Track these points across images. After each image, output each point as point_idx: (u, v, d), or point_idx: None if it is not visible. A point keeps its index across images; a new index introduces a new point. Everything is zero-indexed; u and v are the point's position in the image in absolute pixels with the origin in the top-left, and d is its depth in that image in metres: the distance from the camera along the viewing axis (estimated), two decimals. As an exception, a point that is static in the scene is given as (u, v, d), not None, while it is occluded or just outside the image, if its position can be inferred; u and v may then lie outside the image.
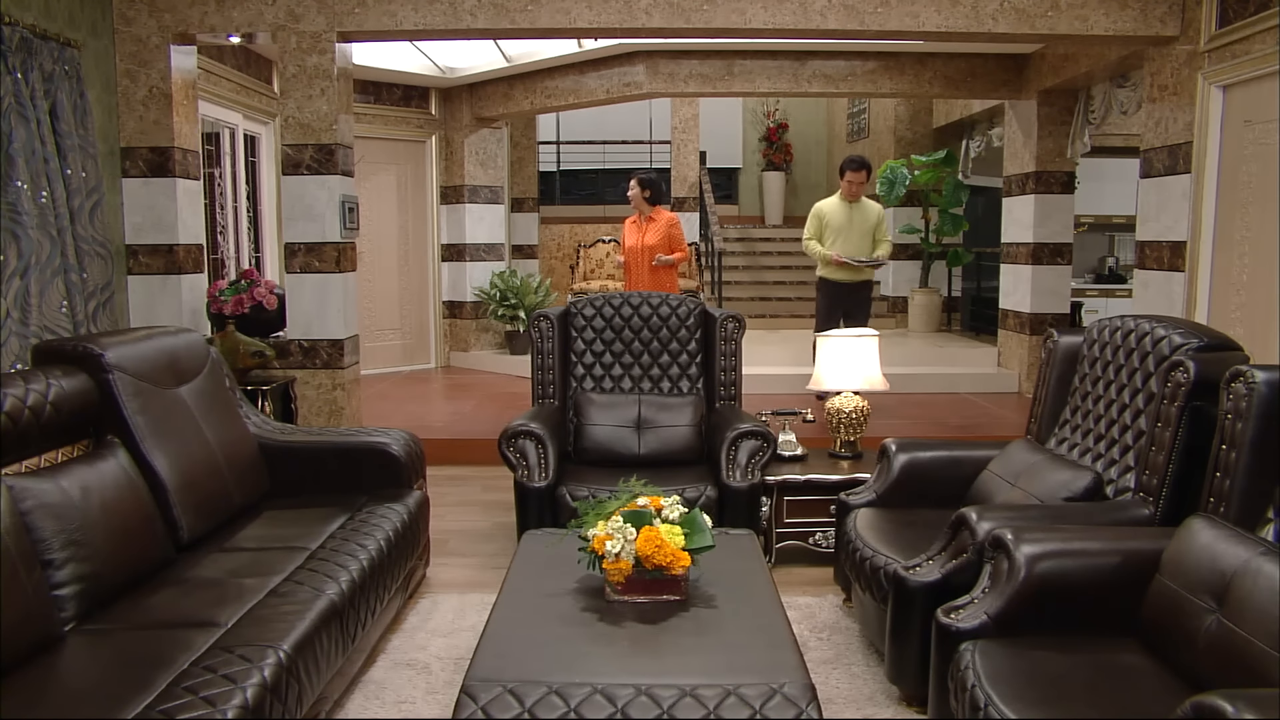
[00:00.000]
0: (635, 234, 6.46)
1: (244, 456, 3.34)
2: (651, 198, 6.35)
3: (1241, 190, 4.46)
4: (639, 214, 6.44)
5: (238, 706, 1.96)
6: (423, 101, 8.53)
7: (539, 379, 4.24)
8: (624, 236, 6.57)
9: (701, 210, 10.98)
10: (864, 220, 6.31)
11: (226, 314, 4.87)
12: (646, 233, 6.42)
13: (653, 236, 6.36)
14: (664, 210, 6.51)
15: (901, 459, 3.38)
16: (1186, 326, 2.83)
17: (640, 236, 6.43)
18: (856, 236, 6.29)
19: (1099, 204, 9.33)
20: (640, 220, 6.45)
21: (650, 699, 1.95)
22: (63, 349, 2.89)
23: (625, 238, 6.55)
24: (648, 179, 6.40)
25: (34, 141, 3.69)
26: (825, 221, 6.36)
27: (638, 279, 6.44)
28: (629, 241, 6.50)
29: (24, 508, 2.28)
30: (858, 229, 6.29)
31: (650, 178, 6.42)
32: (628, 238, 6.51)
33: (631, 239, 6.47)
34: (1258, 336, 4.20)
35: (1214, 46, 4.58)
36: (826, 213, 6.37)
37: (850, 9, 4.82)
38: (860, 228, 6.29)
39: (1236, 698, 1.52)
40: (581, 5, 4.79)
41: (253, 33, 4.83)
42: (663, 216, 6.42)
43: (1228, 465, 2.32)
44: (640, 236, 6.43)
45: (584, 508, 2.64)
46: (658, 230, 6.37)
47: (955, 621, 2.29)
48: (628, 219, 6.57)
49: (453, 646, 3.12)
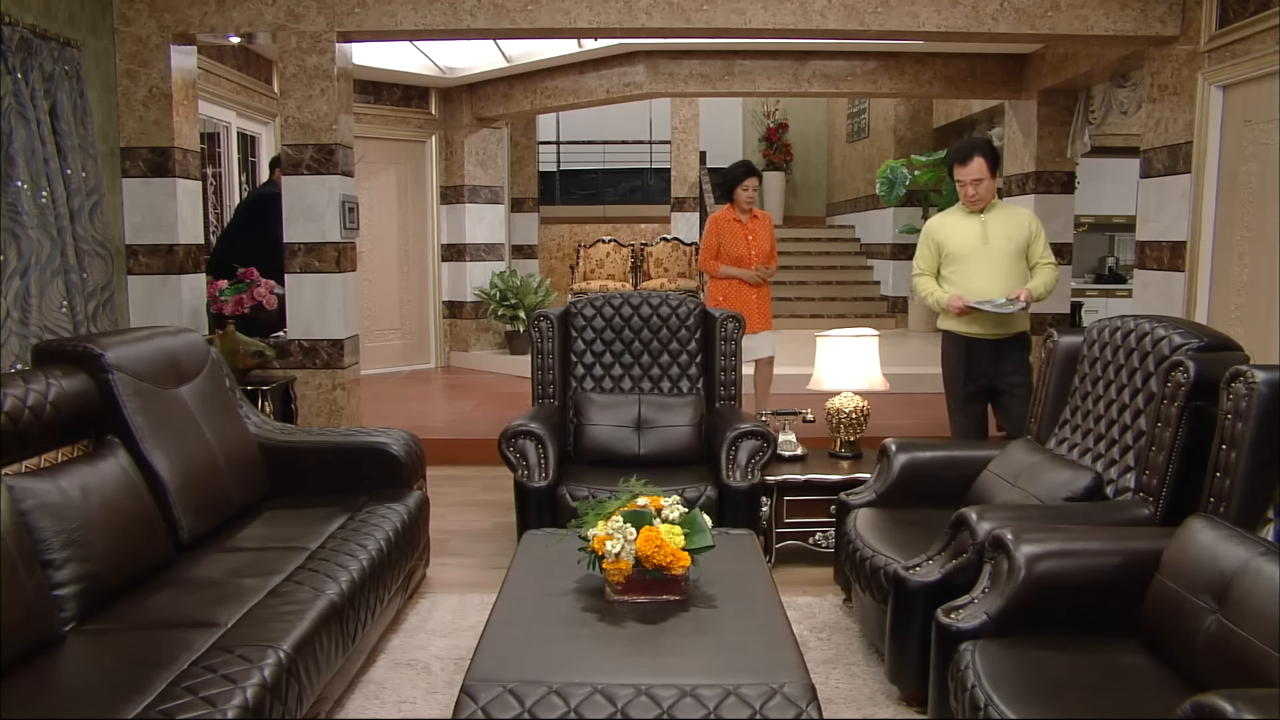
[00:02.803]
0: (740, 238, 5.25)
1: (244, 456, 3.34)
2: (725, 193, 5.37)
3: (1241, 190, 4.46)
4: (737, 211, 5.30)
5: (238, 706, 1.96)
6: (423, 101, 8.53)
7: (539, 379, 4.24)
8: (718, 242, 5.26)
9: (701, 210, 10.99)
10: (1007, 236, 4.14)
11: (226, 314, 4.87)
12: (755, 235, 5.28)
13: (765, 241, 5.28)
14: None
15: (901, 459, 3.38)
16: (1186, 326, 2.83)
17: (749, 242, 5.25)
18: (999, 263, 4.14)
19: (1099, 204, 9.33)
20: (744, 219, 5.31)
21: (650, 699, 1.95)
22: (63, 349, 2.89)
23: (726, 244, 5.24)
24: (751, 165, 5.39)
25: (34, 141, 3.69)
26: (943, 246, 4.24)
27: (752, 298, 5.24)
28: (736, 249, 5.22)
29: (24, 508, 2.28)
30: (998, 251, 4.14)
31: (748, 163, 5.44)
32: (731, 244, 5.23)
33: (738, 245, 5.23)
34: (1258, 336, 4.20)
35: (1214, 46, 4.58)
36: (944, 233, 4.24)
37: (850, 9, 4.82)
38: (1002, 249, 4.14)
39: (1236, 698, 1.52)
40: (581, 5, 4.79)
41: (253, 33, 4.83)
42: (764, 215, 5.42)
43: (1228, 465, 2.32)
44: (749, 242, 5.25)
45: (584, 508, 2.64)
46: (766, 232, 5.31)
47: (955, 621, 2.29)
48: (719, 218, 5.35)
49: (453, 646, 3.12)
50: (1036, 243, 4.20)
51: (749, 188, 5.24)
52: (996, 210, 4.22)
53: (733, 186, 5.26)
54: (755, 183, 5.25)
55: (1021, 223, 4.20)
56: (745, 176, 5.25)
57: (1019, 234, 4.17)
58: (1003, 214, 4.23)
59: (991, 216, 4.19)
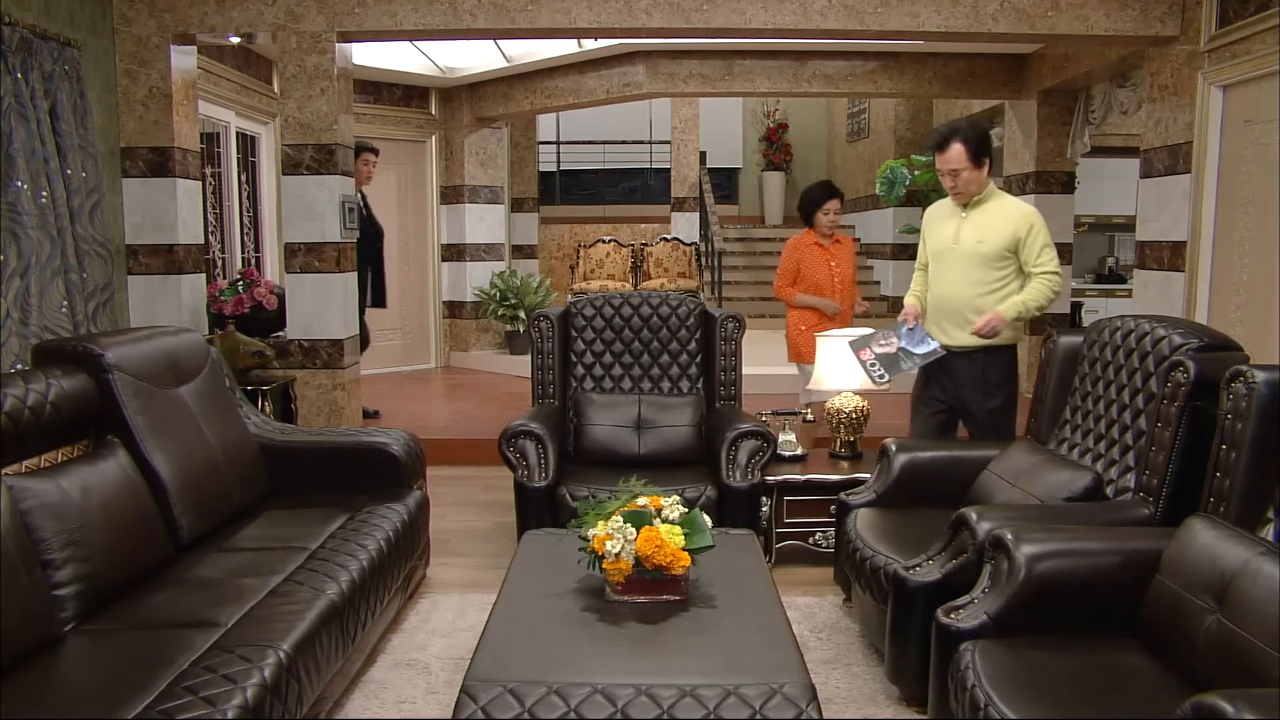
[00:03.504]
0: (822, 263, 4.91)
1: (244, 456, 3.34)
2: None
3: (1241, 190, 4.46)
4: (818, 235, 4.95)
5: (238, 706, 1.96)
6: (423, 101, 8.53)
7: (539, 379, 4.24)
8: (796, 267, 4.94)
9: (701, 210, 10.99)
10: (977, 239, 3.66)
11: (226, 314, 4.88)
12: (839, 261, 4.93)
13: (847, 266, 4.95)
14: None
15: (901, 459, 3.38)
16: (1186, 326, 2.83)
17: (831, 268, 4.89)
18: (963, 269, 3.70)
19: (1099, 204, 9.33)
20: (825, 244, 4.95)
21: (650, 699, 1.95)
22: (63, 349, 2.89)
23: (806, 270, 4.91)
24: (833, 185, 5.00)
25: (34, 141, 3.69)
26: (927, 240, 3.91)
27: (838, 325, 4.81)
28: (817, 275, 4.89)
29: (24, 508, 2.28)
30: (965, 255, 3.69)
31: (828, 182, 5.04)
32: (812, 270, 4.90)
33: (818, 270, 4.90)
34: (1258, 336, 4.20)
35: (1214, 46, 4.58)
36: (929, 225, 3.89)
37: (850, 9, 4.82)
38: (969, 252, 3.67)
39: (1236, 698, 1.52)
40: (581, 5, 4.79)
41: (253, 33, 4.83)
42: (846, 239, 5.08)
43: (1228, 465, 2.32)
44: (831, 268, 4.89)
45: (584, 508, 2.64)
46: (848, 257, 4.98)
47: (955, 621, 2.29)
48: (799, 242, 4.97)
49: (453, 646, 3.12)
50: (1030, 247, 3.60)
51: (829, 210, 4.87)
52: (984, 205, 3.68)
53: (813, 210, 4.92)
54: (837, 205, 4.88)
55: (1006, 223, 3.62)
56: (826, 199, 4.89)
57: (996, 237, 3.61)
58: (989, 211, 3.67)
59: (974, 213, 3.69)
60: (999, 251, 3.64)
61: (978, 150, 3.61)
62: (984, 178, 3.68)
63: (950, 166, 3.63)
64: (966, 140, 3.59)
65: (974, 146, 3.60)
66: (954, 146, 3.60)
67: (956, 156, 3.60)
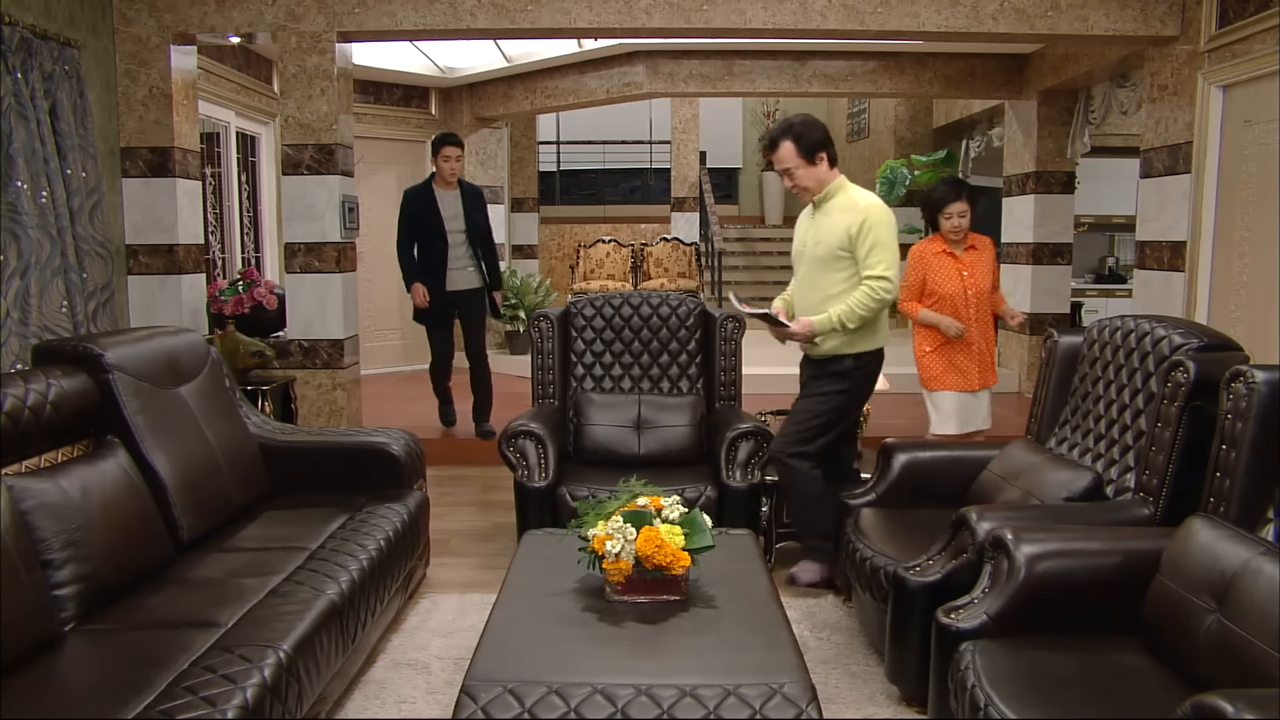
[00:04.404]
0: (951, 273, 4.20)
1: (244, 456, 3.34)
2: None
3: (1241, 190, 4.46)
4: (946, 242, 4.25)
5: (238, 706, 1.96)
6: (423, 101, 8.53)
7: (539, 379, 4.24)
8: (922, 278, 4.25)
9: (701, 210, 10.99)
10: (816, 241, 3.53)
11: (226, 314, 4.88)
12: (972, 270, 4.21)
13: (983, 275, 4.24)
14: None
15: (901, 459, 3.38)
16: (1186, 326, 2.83)
17: (963, 278, 4.19)
18: (808, 274, 3.61)
19: (1099, 204, 9.33)
20: (956, 251, 4.24)
21: (650, 699, 1.95)
22: (63, 349, 2.89)
23: (934, 280, 4.22)
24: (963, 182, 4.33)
25: (34, 141, 3.69)
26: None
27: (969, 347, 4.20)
28: (947, 286, 4.18)
29: (24, 508, 2.28)
30: (809, 259, 3.58)
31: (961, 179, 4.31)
32: (940, 280, 4.20)
33: (948, 281, 4.19)
34: (1258, 336, 4.20)
35: (1214, 46, 4.58)
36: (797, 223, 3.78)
37: (850, 9, 4.82)
38: (811, 257, 3.56)
39: (1236, 698, 1.52)
40: (581, 5, 4.79)
41: (253, 33, 4.83)
42: (981, 238, 4.33)
43: (1228, 465, 2.32)
44: (963, 278, 4.19)
45: (584, 508, 2.64)
46: (985, 264, 4.27)
47: (955, 621, 2.29)
48: (924, 250, 4.29)
49: (453, 646, 3.12)
50: (860, 246, 3.37)
51: (952, 214, 4.17)
52: (828, 203, 3.48)
53: (934, 215, 4.25)
54: (962, 207, 4.18)
55: (841, 221, 3.41)
56: (946, 201, 4.18)
57: (830, 237, 3.43)
58: (831, 209, 3.48)
59: (818, 213, 3.52)
60: (833, 253, 3.44)
61: (810, 146, 3.41)
62: (823, 174, 3.46)
63: (782, 166, 3.47)
64: (796, 137, 3.41)
65: (804, 143, 3.41)
66: (783, 145, 3.43)
67: (787, 155, 3.43)
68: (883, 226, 3.39)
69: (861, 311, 3.38)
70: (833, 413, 3.56)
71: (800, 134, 3.41)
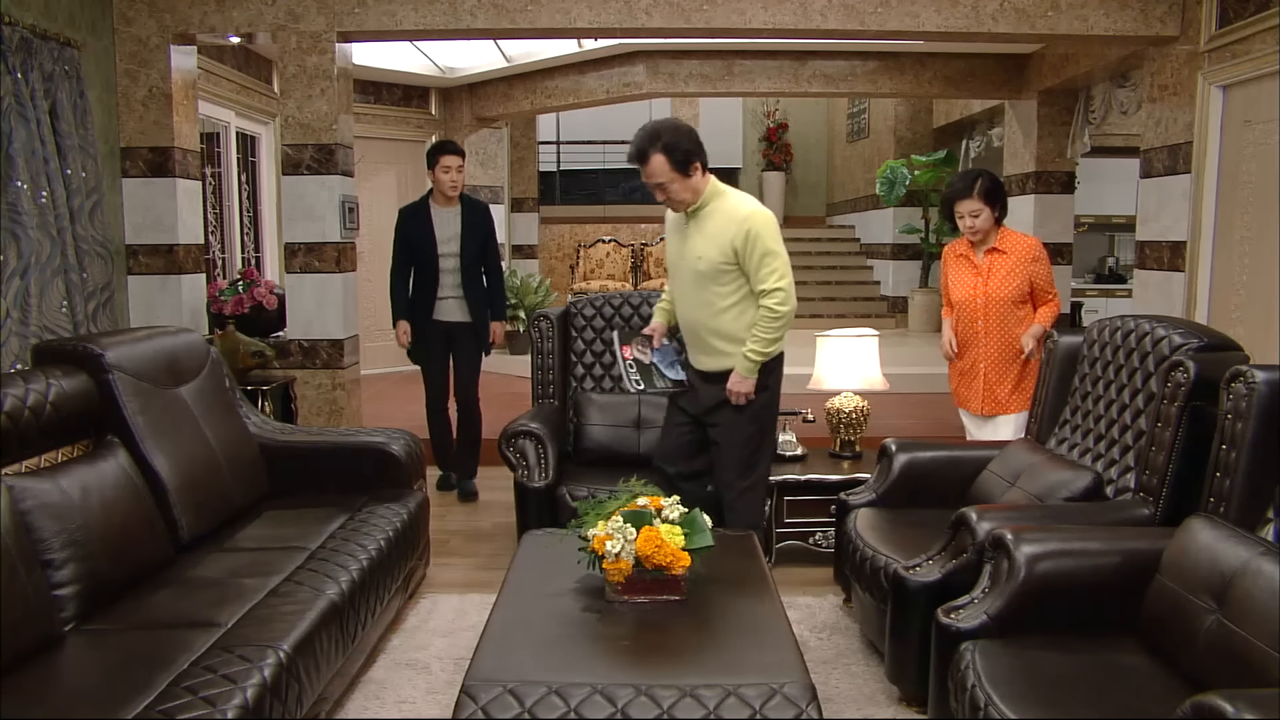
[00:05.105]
0: (965, 277, 3.91)
1: (244, 456, 3.34)
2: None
3: (1241, 190, 4.46)
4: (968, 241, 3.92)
5: (238, 706, 1.96)
6: (423, 101, 8.53)
7: (539, 379, 4.24)
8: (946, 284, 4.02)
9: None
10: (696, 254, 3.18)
11: (226, 314, 4.87)
12: (991, 276, 3.84)
13: (1005, 281, 3.81)
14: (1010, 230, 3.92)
15: (901, 459, 3.38)
16: (1186, 326, 2.83)
17: (976, 285, 3.87)
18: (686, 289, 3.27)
19: (1099, 204, 9.34)
20: (975, 255, 3.90)
21: (650, 699, 1.95)
22: (63, 349, 2.89)
23: (949, 285, 3.98)
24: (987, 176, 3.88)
25: (34, 141, 3.69)
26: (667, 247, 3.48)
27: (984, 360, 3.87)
28: (958, 291, 3.92)
29: (24, 508, 2.28)
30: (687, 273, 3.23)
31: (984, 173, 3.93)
32: (954, 285, 3.95)
33: (960, 286, 3.92)
34: (1258, 336, 4.20)
35: (1214, 46, 4.58)
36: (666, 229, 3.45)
37: (850, 9, 4.82)
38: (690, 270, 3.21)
39: (1236, 698, 1.52)
40: (581, 5, 4.79)
41: (253, 33, 4.83)
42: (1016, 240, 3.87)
43: (1228, 465, 2.33)
44: (976, 285, 3.87)
45: (584, 508, 2.64)
46: (1011, 269, 3.81)
47: (955, 621, 2.29)
48: (947, 252, 4.06)
49: (453, 646, 3.12)
50: (749, 259, 3.09)
51: (963, 214, 3.83)
52: (705, 212, 3.17)
53: (948, 213, 3.98)
54: (973, 206, 3.79)
55: (723, 233, 3.11)
56: (954, 200, 3.87)
57: (713, 251, 3.12)
58: (710, 218, 3.16)
59: (694, 223, 3.20)
60: (716, 267, 3.13)
61: (683, 158, 3.07)
62: (697, 183, 3.14)
63: (654, 181, 3.11)
64: (667, 148, 3.05)
65: (677, 154, 3.06)
66: (654, 158, 3.06)
67: (658, 169, 3.08)
68: (768, 233, 3.11)
69: (768, 335, 3.13)
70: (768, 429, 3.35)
71: (671, 145, 3.06)
